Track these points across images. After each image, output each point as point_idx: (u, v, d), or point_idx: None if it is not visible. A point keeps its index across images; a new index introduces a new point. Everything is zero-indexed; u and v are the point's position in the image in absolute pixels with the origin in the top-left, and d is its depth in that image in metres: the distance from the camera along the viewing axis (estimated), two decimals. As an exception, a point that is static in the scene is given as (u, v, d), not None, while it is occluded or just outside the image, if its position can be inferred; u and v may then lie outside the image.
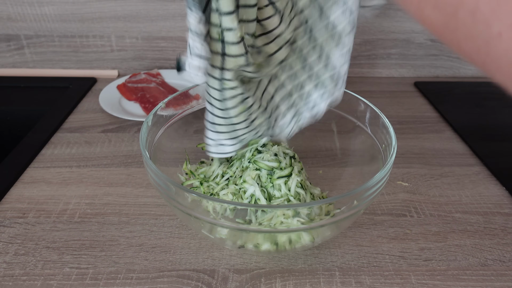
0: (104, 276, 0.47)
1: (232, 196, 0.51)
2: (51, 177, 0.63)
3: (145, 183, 0.62)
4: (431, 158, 0.69)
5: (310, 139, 0.63)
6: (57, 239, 0.52)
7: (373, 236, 0.53)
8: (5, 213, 0.56)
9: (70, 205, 0.57)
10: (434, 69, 0.99)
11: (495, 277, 0.48)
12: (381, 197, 0.60)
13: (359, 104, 0.55)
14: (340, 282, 0.47)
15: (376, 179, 0.42)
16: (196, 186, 0.55)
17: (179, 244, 0.52)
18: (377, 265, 0.49)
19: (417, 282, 0.47)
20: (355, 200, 0.41)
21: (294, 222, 0.44)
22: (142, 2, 0.90)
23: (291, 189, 0.50)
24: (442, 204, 0.59)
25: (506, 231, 0.54)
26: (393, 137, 0.47)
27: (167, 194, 0.43)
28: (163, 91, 0.86)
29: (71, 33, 0.93)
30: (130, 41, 0.95)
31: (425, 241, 0.53)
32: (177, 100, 0.56)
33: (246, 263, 0.49)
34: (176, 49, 0.96)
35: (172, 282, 0.46)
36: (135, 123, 0.77)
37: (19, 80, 0.94)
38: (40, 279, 0.47)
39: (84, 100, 0.86)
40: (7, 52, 0.95)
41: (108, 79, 0.94)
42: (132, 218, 0.55)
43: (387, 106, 0.84)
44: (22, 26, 0.92)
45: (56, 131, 0.75)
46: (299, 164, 0.57)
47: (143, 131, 0.49)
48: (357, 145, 0.57)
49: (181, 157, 0.58)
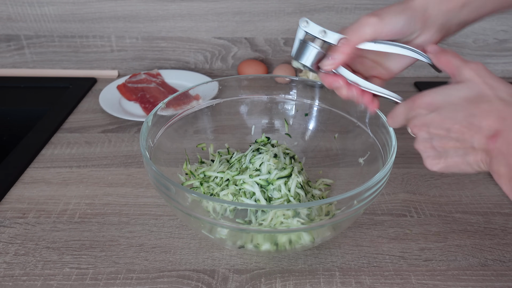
0: (104, 276, 0.47)
1: (232, 196, 0.51)
2: (51, 177, 0.63)
3: (145, 183, 0.62)
4: (431, 158, 0.68)
5: (310, 139, 0.63)
6: (57, 239, 0.52)
7: (373, 236, 0.53)
8: (5, 213, 0.56)
9: (70, 205, 0.57)
10: (434, 69, 0.99)
11: (495, 277, 0.48)
12: (381, 197, 0.60)
13: (359, 104, 0.55)
14: (340, 282, 0.47)
15: (376, 179, 0.42)
16: (196, 186, 0.55)
17: (179, 244, 0.52)
18: (377, 265, 0.49)
19: (417, 282, 0.47)
20: (355, 200, 0.41)
21: (294, 222, 0.44)
22: (142, 2, 0.90)
23: (291, 190, 0.50)
24: (442, 204, 0.59)
25: (506, 231, 0.54)
26: (393, 137, 0.47)
27: (167, 194, 0.43)
28: (163, 91, 0.86)
29: (71, 33, 0.93)
30: (130, 41, 0.95)
31: (425, 241, 0.53)
32: (177, 100, 0.56)
33: (246, 263, 0.49)
34: (176, 49, 0.96)
35: (172, 282, 0.46)
36: (135, 123, 0.77)
37: (19, 80, 0.94)
38: (40, 279, 0.47)
39: (84, 100, 0.86)
40: (7, 52, 0.95)
41: (108, 79, 0.94)
42: (132, 218, 0.55)
43: (387, 106, 0.84)
44: (22, 26, 0.92)
45: (56, 131, 0.75)
46: (299, 165, 0.57)
47: (143, 131, 0.49)
48: (357, 145, 0.57)
49: (181, 157, 0.58)
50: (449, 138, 0.37)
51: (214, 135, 0.63)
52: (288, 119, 0.64)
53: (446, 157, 0.39)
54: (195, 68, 0.99)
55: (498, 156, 0.35)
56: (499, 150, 0.34)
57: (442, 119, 0.38)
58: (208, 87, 0.60)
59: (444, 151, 0.38)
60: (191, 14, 0.92)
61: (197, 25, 0.93)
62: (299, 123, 0.63)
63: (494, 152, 0.35)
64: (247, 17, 0.92)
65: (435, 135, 0.38)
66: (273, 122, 0.65)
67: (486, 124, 0.35)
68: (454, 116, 0.37)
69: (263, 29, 0.94)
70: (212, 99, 0.61)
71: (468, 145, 0.36)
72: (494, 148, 0.35)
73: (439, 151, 0.39)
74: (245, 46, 0.96)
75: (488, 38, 0.95)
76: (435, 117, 0.38)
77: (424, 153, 0.40)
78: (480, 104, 0.36)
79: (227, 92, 0.61)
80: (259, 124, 0.65)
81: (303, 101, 0.62)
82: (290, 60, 0.98)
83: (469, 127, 0.36)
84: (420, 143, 0.40)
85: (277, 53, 0.97)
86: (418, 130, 0.40)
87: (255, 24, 0.93)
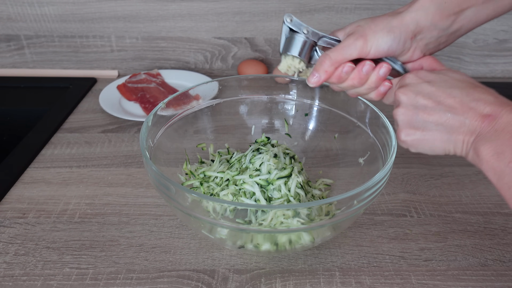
0: (104, 276, 0.47)
1: (232, 196, 0.51)
2: (51, 177, 0.63)
3: (145, 183, 0.62)
4: (431, 158, 0.69)
5: (310, 139, 0.63)
6: (57, 239, 0.52)
7: (373, 236, 0.53)
8: (5, 213, 0.56)
9: (70, 205, 0.57)
10: (434, 69, 0.99)
11: (495, 277, 0.48)
12: (381, 197, 0.60)
13: (359, 104, 0.55)
14: (340, 282, 0.47)
15: (376, 179, 0.42)
16: (196, 186, 0.55)
17: (179, 244, 0.52)
18: (377, 265, 0.49)
19: (417, 282, 0.47)
20: (355, 200, 0.41)
21: (294, 222, 0.44)
22: (142, 2, 0.90)
23: (291, 190, 0.50)
24: (442, 204, 0.59)
25: (506, 231, 0.54)
26: (393, 137, 0.47)
27: (167, 194, 0.43)
28: (163, 91, 0.86)
29: (71, 33, 0.93)
30: (130, 41, 0.95)
31: (425, 241, 0.53)
32: (177, 100, 0.56)
33: (246, 263, 0.49)
34: (176, 49, 0.96)
35: (172, 282, 0.46)
36: (135, 123, 0.77)
37: (19, 80, 0.94)
38: (40, 279, 0.47)
39: (84, 100, 0.86)
40: (7, 52, 0.95)
41: (108, 79, 0.94)
42: (132, 218, 0.55)
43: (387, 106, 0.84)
44: (22, 26, 0.92)
45: (56, 131, 0.75)
46: (299, 165, 0.57)
47: (143, 131, 0.49)
48: (357, 145, 0.57)
49: (181, 157, 0.58)
50: (436, 110, 0.37)
51: (214, 135, 0.63)
52: (288, 119, 0.64)
53: (423, 129, 0.38)
54: (195, 68, 0.99)
55: (488, 135, 0.34)
56: (494, 129, 0.34)
57: (435, 90, 0.38)
58: (208, 87, 0.60)
59: (424, 123, 0.38)
60: (191, 14, 0.92)
61: (197, 25, 0.93)
62: (299, 123, 0.63)
63: (484, 131, 0.35)
64: (247, 17, 0.92)
65: (422, 105, 0.38)
66: (273, 122, 0.65)
67: (482, 104, 0.35)
68: (450, 91, 0.37)
69: (263, 29, 0.94)
70: (212, 99, 0.61)
71: (456, 122, 0.36)
72: (485, 127, 0.35)
73: (418, 122, 0.38)
74: (245, 46, 0.96)
75: (488, 38, 0.95)
76: (428, 87, 0.38)
77: (401, 121, 0.40)
78: (476, 87, 0.37)
79: (227, 92, 0.61)
80: (259, 124, 0.65)
81: (303, 101, 0.62)
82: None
83: (463, 104, 0.36)
84: (401, 110, 0.39)
85: (277, 53, 0.97)
86: (405, 96, 0.39)
87: (255, 24, 0.93)
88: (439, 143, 0.38)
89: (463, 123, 0.36)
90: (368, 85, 0.45)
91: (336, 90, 0.49)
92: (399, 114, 0.40)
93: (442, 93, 0.37)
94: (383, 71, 0.43)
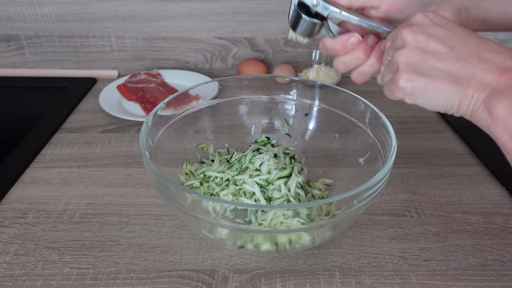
0: (104, 276, 0.47)
1: (232, 196, 0.51)
2: (51, 177, 0.63)
3: (145, 183, 0.62)
4: (431, 158, 0.69)
5: (310, 139, 0.63)
6: (57, 239, 0.52)
7: (373, 236, 0.53)
8: (5, 213, 0.56)
9: (70, 205, 0.57)
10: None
11: (495, 277, 0.48)
12: (381, 197, 0.60)
13: (359, 104, 0.55)
14: (340, 282, 0.47)
15: (376, 179, 0.42)
16: (196, 186, 0.55)
17: (179, 244, 0.52)
18: (377, 265, 0.49)
19: (417, 282, 0.47)
20: (355, 200, 0.41)
21: (294, 222, 0.44)
22: (142, 2, 0.90)
23: (291, 190, 0.50)
24: (442, 204, 0.59)
25: (506, 231, 0.54)
26: (393, 137, 0.47)
27: (167, 195, 0.43)
28: (163, 91, 0.86)
29: (71, 33, 0.93)
30: (130, 41, 0.95)
31: (425, 241, 0.53)
32: (177, 100, 0.56)
33: (246, 263, 0.49)
34: (176, 49, 0.96)
35: (172, 282, 0.46)
36: (135, 123, 0.77)
37: (19, 80, 0.94)
38: (40, 279, 0.47)
39: (84, 100, 0.86)
40: (7, 52, 0.95)
41: (108, 79, 0.94)
42: (132, 218, 0.55)
43: (387, 106, 0.84)
44: (22, 26, 0.92)
45: (56, 131, 0.75)
46: (299, 165, 0.57)
47: (143, 131, 0.49)
48: (357, 145, 0.57)
49: (181, 157, 0.58)
50: (449, 57, 0.33)
51: (214, 135, 0.63)
52: (288, 119, 0.64)
53: (429, 76, 0.33)
54: (195, 68, 0.99)
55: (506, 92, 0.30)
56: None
57: (450, 36, 0.33)
58: (208, 87, 0.60)
59: (430, 69, 0.33)
60: (191, 14, 0.92)
61: (197, 25, 0.93)
62: (299, 123, 0.63)
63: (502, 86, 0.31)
64: (247, 17, 0.92)
65: (433, 49, 0.33)
66: (273, 122, 0.65)
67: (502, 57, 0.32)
68: (467, 38, 0.33)
69: (263, 29, 0.94)
70: (212, 99, 0.61)
71: (468, 72, 0.32)
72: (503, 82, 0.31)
73: (425, 68, 0.34)
74: (245, 46, 0.96)
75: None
76: (441, 31, 0.34)
77: (403, 64, 0.35)
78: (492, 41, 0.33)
79: (227, 92, 0.61)
80: (259, 124, 0.65)
81: (303, 101, 0.62)
82: (290, 60, 0.98)
83: (479, 53, 0.32)
84: (406, 52, 0.35)
85: (277, 53, 0.97)
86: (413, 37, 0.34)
87: (255, 24, 0.93)
88: (444, 94, 0.33)
89: (476, 74, 0.32)
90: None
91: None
92: (402, 56, 0.35)
93: (458, 39, 0.33)
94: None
